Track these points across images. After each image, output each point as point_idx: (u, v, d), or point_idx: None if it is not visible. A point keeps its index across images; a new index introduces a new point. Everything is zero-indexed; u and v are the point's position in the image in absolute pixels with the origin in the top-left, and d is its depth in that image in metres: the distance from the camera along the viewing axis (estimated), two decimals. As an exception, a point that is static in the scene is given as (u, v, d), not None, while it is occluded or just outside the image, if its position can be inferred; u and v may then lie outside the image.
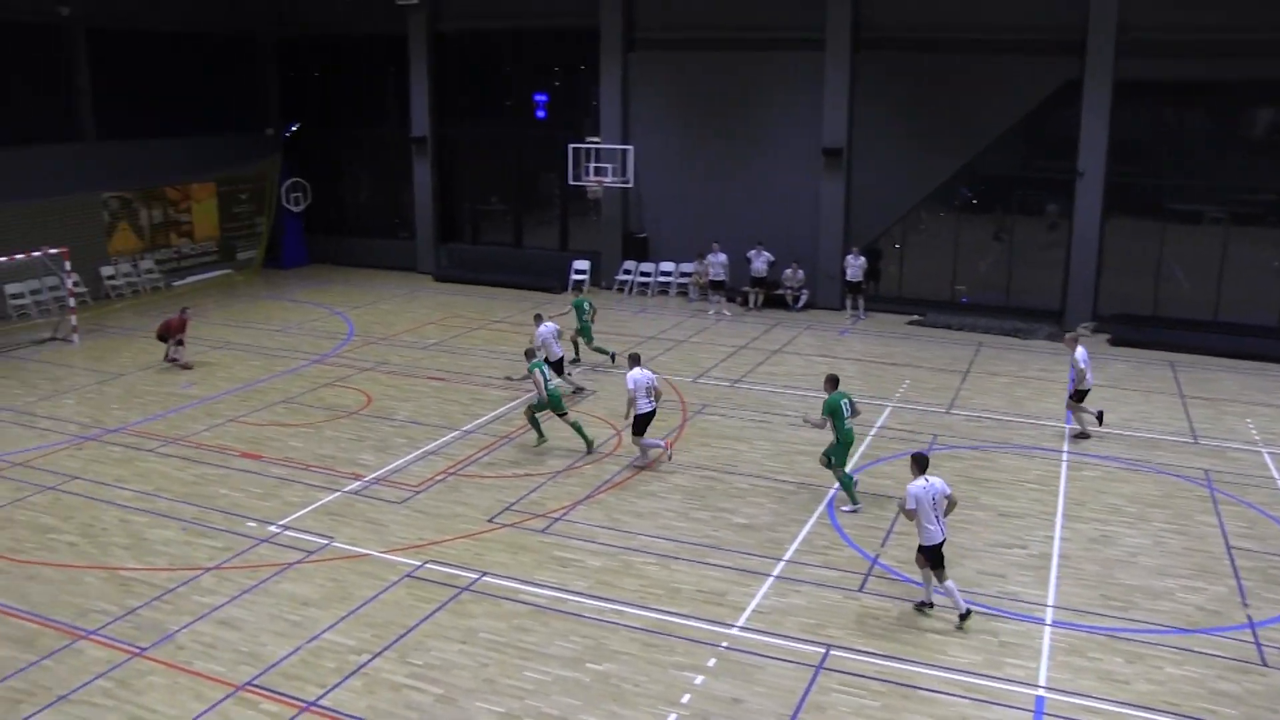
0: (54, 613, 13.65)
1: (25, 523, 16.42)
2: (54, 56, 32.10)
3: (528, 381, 21.43)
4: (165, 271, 35.34)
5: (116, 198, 33.80)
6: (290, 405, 22.10)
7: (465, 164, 37.17)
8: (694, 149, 32.54)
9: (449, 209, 37.55)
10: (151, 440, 20.10)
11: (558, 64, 35.47)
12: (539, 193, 37.18)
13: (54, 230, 30.49)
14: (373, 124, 38.80)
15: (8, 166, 30.26)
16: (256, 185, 38.62)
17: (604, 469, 18.33)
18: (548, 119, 35.37)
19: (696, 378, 23.84)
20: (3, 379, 24.36)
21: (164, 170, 35.19)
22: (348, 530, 15.96)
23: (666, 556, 15.08)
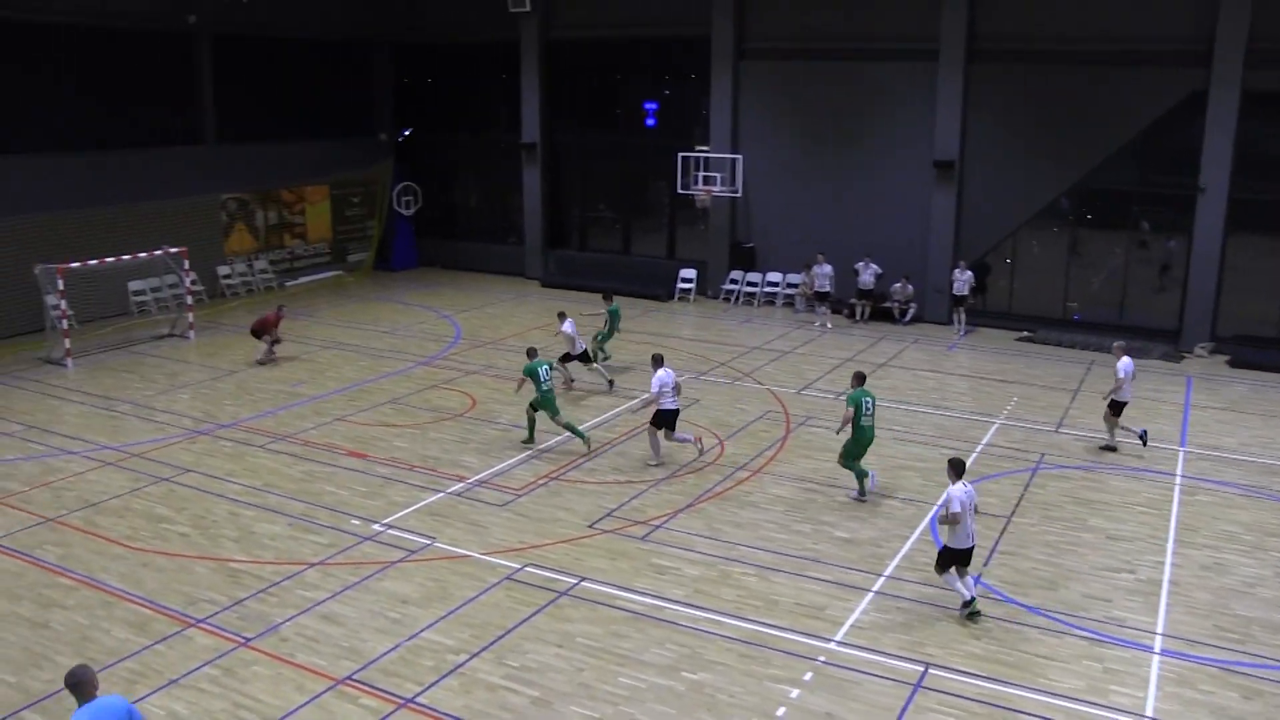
0: (166, 600, 14.05)
1: (141, 512, 16.93)
2: (180, 63, 33.08)
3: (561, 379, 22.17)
4: (278, 272, 36.18)
5: (234, 199, 34.70)
6: (397, 406, 22.47)
7: (574, 171, 37.46)
8: (803, 159, 32.40)
9: (557, 215, 37.86)
10: (261, 436, 20.59)
11: (668, 72, 35.59)
12: (647, 201, 37.31)
13: (175, 230, 31.44)
14: (484, 130, 39.29)
15: (135, 168, 31.27)
16: (369, 189, 39.36)
17: (706, 478, 18.32)
18: (657, 127, 35.49)
19: (801, 389, 23.71)
20: (124, 372, 25.15)
21: (280, 173, 36.08)
22: (449, 531, 16.17)
23: (765, 568, 15.02)
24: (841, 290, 31.16)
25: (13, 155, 28.42)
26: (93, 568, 15.02)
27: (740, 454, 19.54)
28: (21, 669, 12.50)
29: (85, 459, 19.39)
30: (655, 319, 31.24)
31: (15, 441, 20.39)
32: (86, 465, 19.06)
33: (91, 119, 30.47)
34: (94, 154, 30.30)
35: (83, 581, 14.61)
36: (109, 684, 12.06)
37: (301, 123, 36.75)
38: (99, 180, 30.19)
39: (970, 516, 13.59)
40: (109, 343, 27.96)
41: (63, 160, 29.49)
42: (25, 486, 18.06)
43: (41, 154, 29.04)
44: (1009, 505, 17.28)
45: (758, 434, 20.55)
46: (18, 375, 25.00)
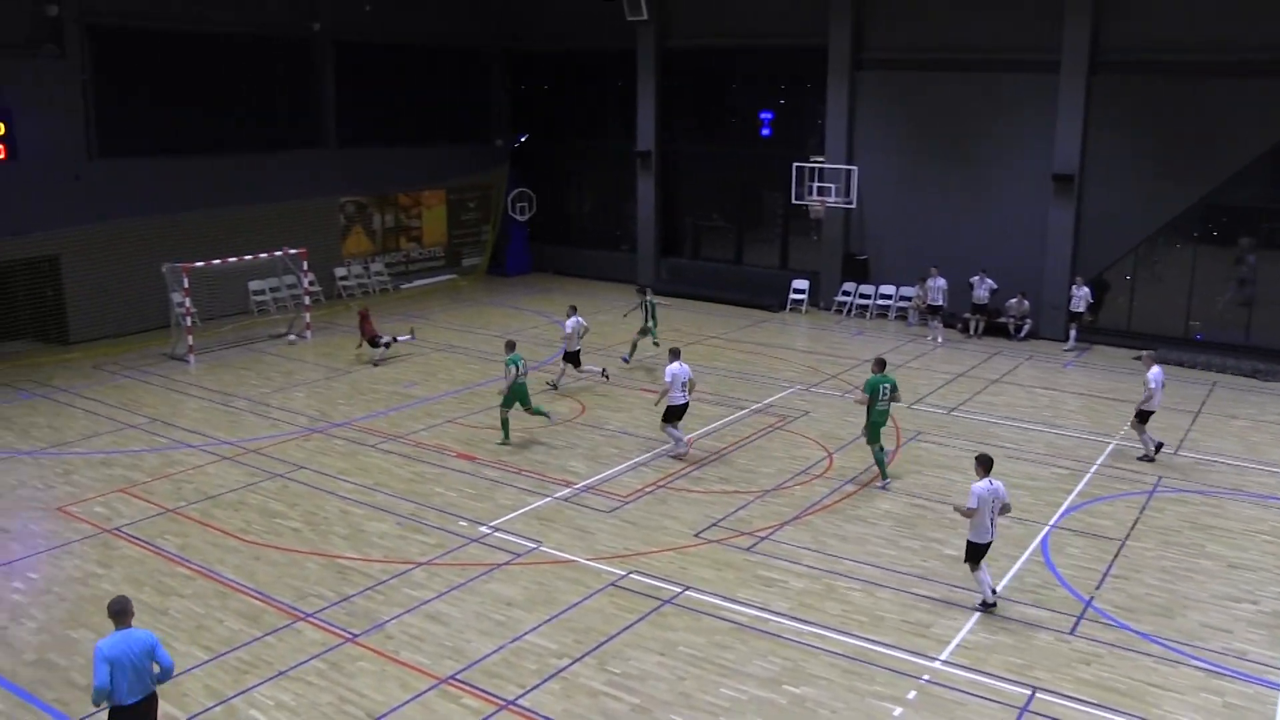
0: (277, 593, 14.40)
1: (255, 506, 17.37)
2: (303, 69, 33.91)
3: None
4: (394, 275, 36.84)
5: (352, 202, 35.44)
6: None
7: (688, 179, 37.54)
8: (919, 171, 32.08)
9: (670, 223, 37.97)
10: (373, 436, 20.98)
11: (784, 82, 35.48)
12: (761, 210, 37.23)
13: (294, 231, 32.22)
14: (598, 137, 39.57)
15: (257, 171, 32.13)
16: (484, 194, 39.90)
17: (813, 490, 18.23)
18: (772, 137, 35.41)
19: (912, 404, 23.47)
20: (242, 370, 25.83)
21: (397, 177, 36.77)
22: (555, 535, 16.31)
23: (872, 583, 14.90)
24: (955, 305, 30.77)
25: (142, 158, 29.38)
26: (209, 558, 15.46)
27: (849, 468, 19.41)
28: (139, 655, 12.91)
29: (204, 453, 19.97)
30: (766, 330, 31.16)
31: (140, 433, 21.08)
32: (205, 459, 19.63)
33: (216, 123, 31.35)
34: (218, 157, 31.18)
35: (199, 571, 15.05)
36: (222, 672, 12.42)
37: (419, 128, 37.40)
38: (223, 182, 31.09)
39: (990, 513, 13.90)
40: (229, 340, 28.74)
41: (189, 163, 30.40)
42: (148, 477, 18.66)
43: (169, 157, 29.97)
44: (1123, 528, 16.90)
45: (866, 448, 20.37)
46: (145, 370, 25.83)
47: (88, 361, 26.66)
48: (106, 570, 15.10)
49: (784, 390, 24.49)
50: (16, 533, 16.35)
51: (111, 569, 15.14)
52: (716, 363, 26.84)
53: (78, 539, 16.14)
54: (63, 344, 27.97)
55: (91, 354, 27.32)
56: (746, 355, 27.72)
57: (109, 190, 28.53)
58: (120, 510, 17.23)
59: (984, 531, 13.95)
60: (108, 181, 28.51)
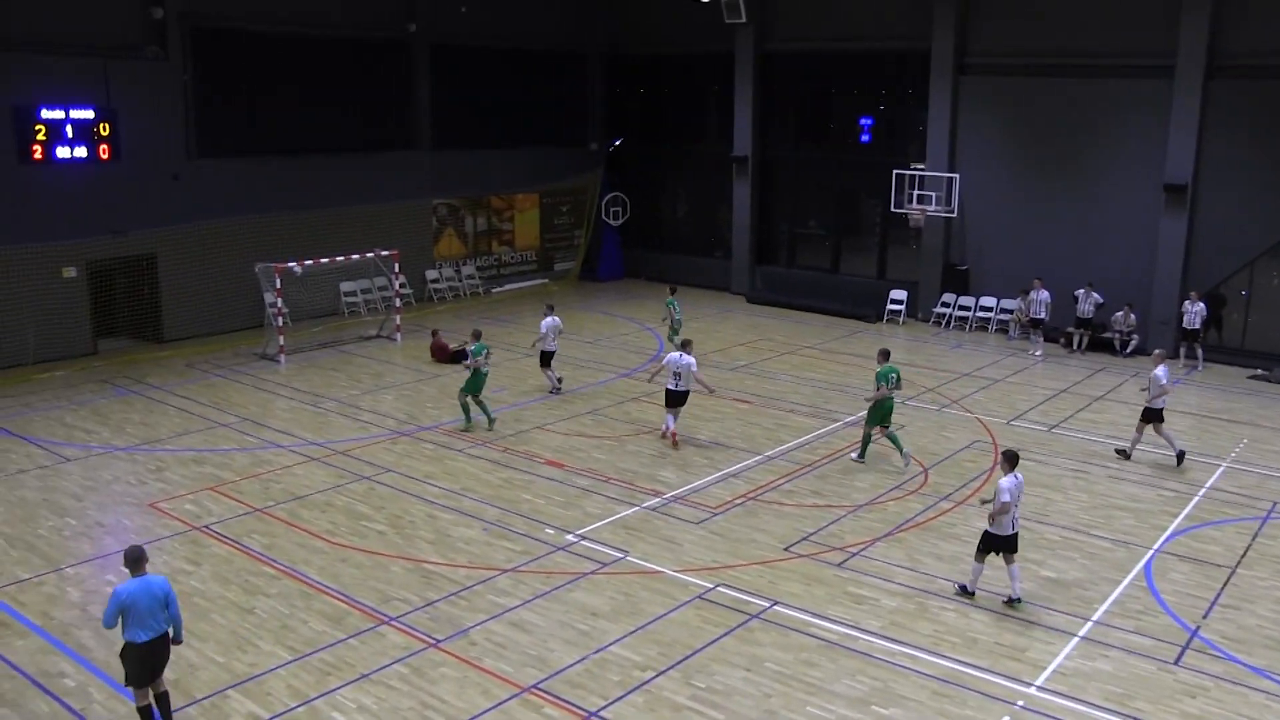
0: (361, 595, 14.60)
1: (342, 508, 17.64)
2: (400, 71, 34.40)
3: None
4: (485, 278, 37.20)
5: (445, 204, 35.86)
6: (596, 417, 22.83)
7: (785, 185, 37.40)
8: (1023, 179, 31.60)
9: (766, 230, 37.87)
10: (461, 441, 21.18)
11: (884, 87, 35.24)
12: (858, 218, 37.00)
13: (386, 233, 32.73)
14: (694, 142, 39.62)
15: (352, 172, 32.67)
16: (578, 198, 40.13)
17: (907, 507, 18.05)
18: (872, 143, 35.18)
19: (1011, 419, 23.13)
20: (332, 371, 26.26)
21: (491, 180, 37.15)
22: (643, 546, 16.33)
23: (965, 604, 14.69)
24: (1058, 318, 30.25)
25: (239, 158, 30.05)
26: (295, 559, 15.72)
27: (945, 484, 19.18)
28: (228, 650, 13.19)
29: (292, 453, 20.32)
30: (862, 340, 30.92)
31: (231, 433, 21.52)
32: (293, 459, 19.97)
33: (312, 124, 31.94)
34: (313, 158, 31.77)
35: (285, 571, 15.31)
36: (305, 672, 12.62)
37: (514, 130, 37.74)
38: (317, 183, 31.69)
39: (1016, 508, 14.54)
40: (320, 340, 29.22)
41: (284, 164, 31.03)
42: (237, 476, 19.04)
43: (265, 157, 30.62)
44: (1234, 555, 16.48)
45: (963, 464, 20.14)
46: (236, 369, 26.37)
47: (181, 360, 27.30)
48: (195, 568, 15.43)
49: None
50: (111, 527, 16.79)
51: (200, 566, 15.47)
52: (811, 374, 26.69)
53: (168, 535, 16.52)
54: (158, 342, 28.69)
55: (185, 352, 27.97)
56: (842, 367, 27.54)
57: (206, 190, 29.22)
58: (209, 508, 17.60)
59: (1007, 525, 14.50)
60: (205, 182, 29.21)
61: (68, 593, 14.68)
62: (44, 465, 19.60)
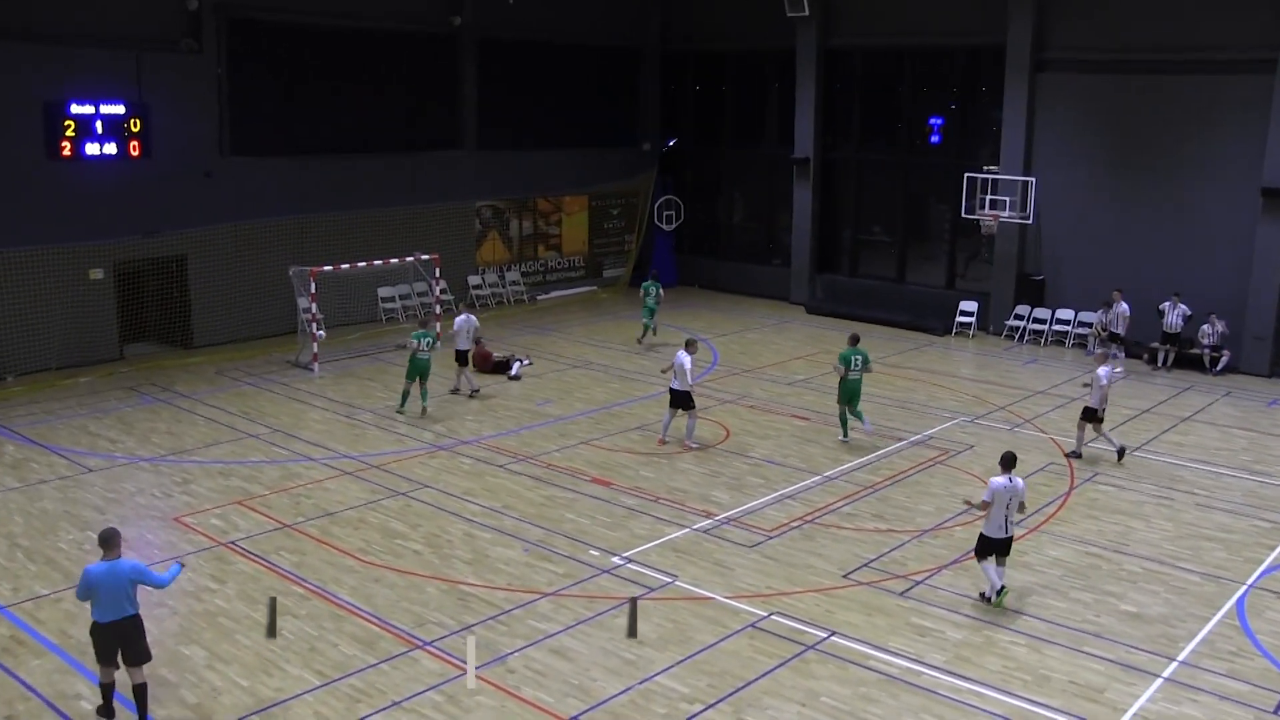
0: (395, 618, 14.58)
1: (376, 525, 17.65)
2: (444, 66, 34.57)
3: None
4: (530, 285, 37.25)
5: (489, 207, 35.97)
6: (645, 433, 22.75)
7: (848, 189, 37.22)
8: (1105, 183, 31.17)
9: (828, 237, 37.68)
10: (502, 456, 21.17)
11: (956, 85, 34.99)
12: (927, 224, 36.75)
13: (427, 236, 32.87)
14: (753, 142, 39.56)
15: (392, 172, 32.86)
16: (629, 201, 40.15)
17: (974, 533, 17.77)
18: (942, 144, 34.95)
19: (1090, 441, 22.78)
20: (367, 380, 26.35)
21: (538, 181, 37.26)
22: (692, 570, 16.21)
23: (1037, 638, 14.46)
24: (1143, 333, 29.79)
25: (274, 157, 30.27)
26: (325, 578, 15.73)
27: (1016, 509, 18.90)
28: (253, 674, 13.19)
29: (325, 466, 20.39)
30: (929, 354, 30.65)
31: (261, 444, 21.63)
32: (326, 473, 20.03)
33: (351, 122, 32.15)
34: (352, 157, 31.97)
35: (315, 591, 15.32)
36: (334, 699, 12.59)
37: (563, 130, 37.84)
38: (355, 183, 31.87)
39: (1005, 508, 15.10)
40: (356, 348, 29.35)
41: (321, 162, 31.23)
42: (266, 490, 19.12)
43: (301, 156, 30.82)
44: (1332, 590, 16.13)
45: (1036, 488, 19.85)
46: (267, 377, 26.54)
47: (211, 366, 27.52)
48: (220, 585, 15.48)
49: (947, 421, 24.05)
50: (133, 542, 16.86)
51: (225, 584, 15.51)
52: (874, 390, 26.42)
53: (193, 551, 16.58)
54: (186, 347, 28.94)
55: (215, 359, 28.19)
56: (908, 382, 27.31)
57: (239, 189, 29.46)
58: (237, 523, 17.67)
59: (997, 528, 15.17)
60: (238, 180, 29.44)
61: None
62: (65, 476, 19.77)
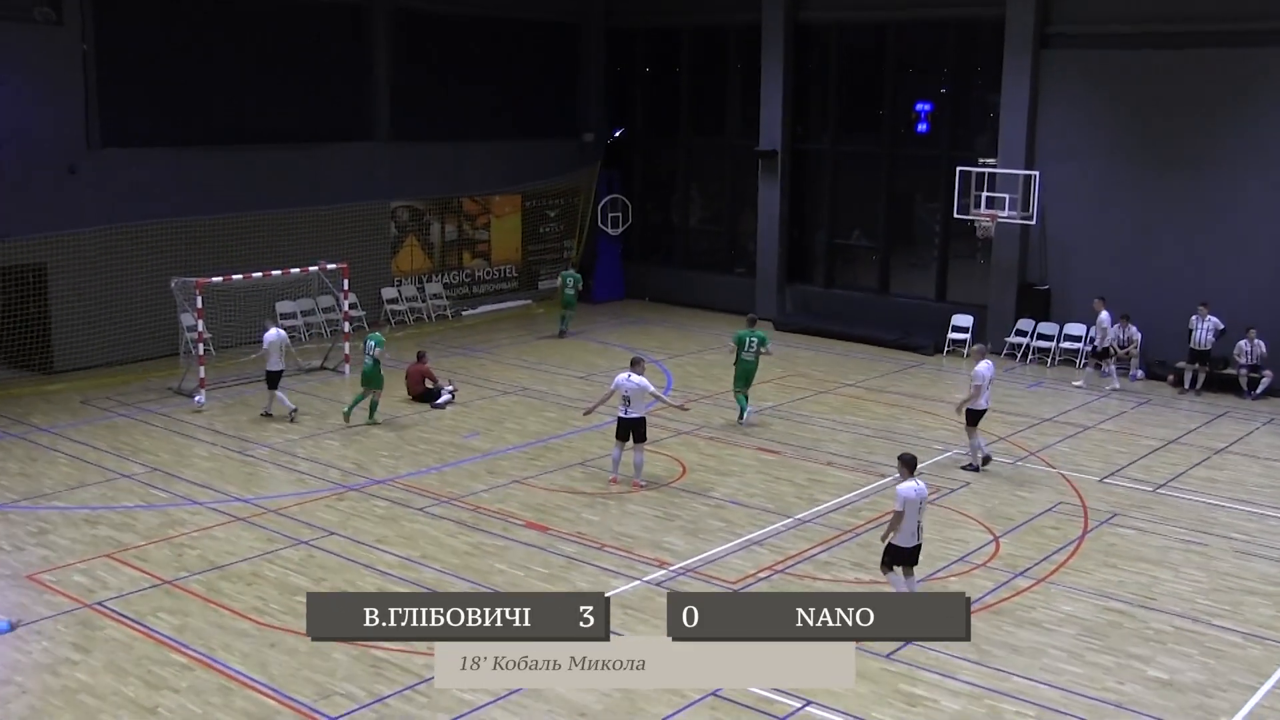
0: (294, 689, 14.33)
1: (274, 580, 17.38)
2: (353, 42, 34.42)
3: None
4: (455, 298, 37.09)
5: (406, 208, 35.82)
6: (587, 469, 22.63)
7: (823, 186, 37.36)
8: (1121, 178, 31.36)
9: (800, 241, 37.81)
10: (422, 497, 20.97)
11: (947, 65, 35.18)
12: (913, 227, 36.94)
13: (335, 242, 32.60)
14: (712, 133, 39.72)
15: (293, 168, 32.74)
16: (569, 201, 40.11)
17: (973, 585, 17.76)
18: (930, 134, 35.15)
19: (1105, 476, 22.87)
20: (262, 412, 26.04)
21: (463, 178, 37.18)
22: (644, 629, 16.06)
23: (1050, 709, 14.42)
24: (1166, 350, 29.92)
25: (152, 149, 30.00)
26: (212, 644, 15.46)
27: (1020, 556, 18.89)
28: (120, 763, 12.89)
29: (213, 511, 20.10)
30: (917, 377, 30.72)
31: (136, 486, 21.31)
32: (214, 519, 19.74)
33: (242, 109, 31.94)
34: (245, 148, 31.75)
35: (199, 660, 15.04)
36: (220, 790, 12.32)
37: (492, 119, 37.82)
38: (248, 181, 31.67)
39: (920, 516, 15.96)
40: (250, 374, 29.02)
41: (207, 156, 30.98)
42: (143, 540, 18.81)
43: (183, 147, 30.56)
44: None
45: (1044, 532, 19.87)
46: (144, 407, 26.21)
47: (75, 395, 27.15)
48: (84, 656, 15.15)
49: (938, 454, 24.05)
50: (-21, 604, 16.56)
51: (90, 654, 15.19)
52: (853, 417, 26.47)
53: (50, 615, 16.24)
54: (45, 373, 28.48)
55: (80, 386, 27.82)
56: (891, 409, 27.35)
57: (110, 187, 29.17)
58: (105, 580, 17.35)
59: (909, 535, 15.99)
60: (109, 176, 29.17)
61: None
62: (-99, 525, 19.42)
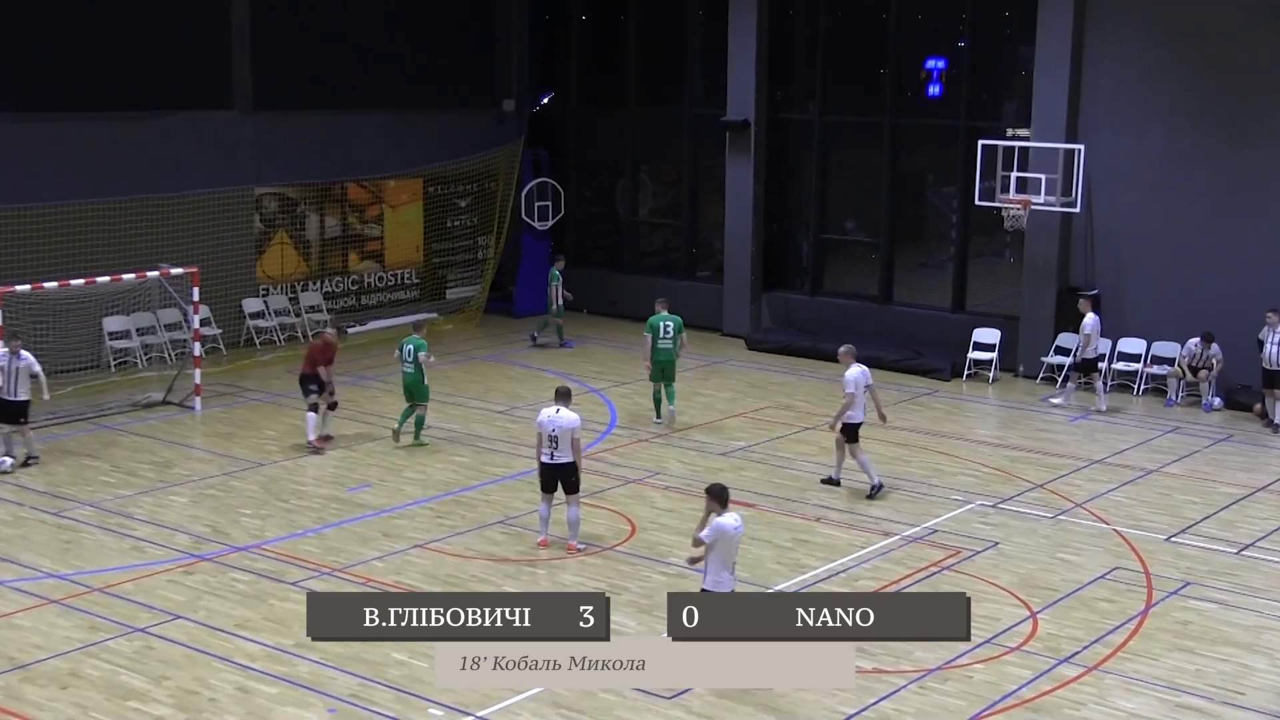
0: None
1: (99, 680, 17.10)
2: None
3: None
4: (339, 310, 36.86)
5: (275, 196, 35.59)
6: (510, 528, 22.54)
7: (808, 167, 37.49)
8: (1191, 151, 31.43)
9: (779, 237, 37.87)
10: (297, 568, 20.77)
11: (966, 10, 35.26)
12: (923, 217, 37.02)
13: (182, 240, 32.35)
14: (667, 100, 39.75)
15: (127, 144, 32.57)
16: (483, 187, 39.96)
17: (1003, 674, 17.64)
18: (945, 98, 35.21)
19: (1173, 535, 22.86)
20: (87, 460, 25.83)
21: (347, 158, 37.06)
22: (591, 735, 15.93)
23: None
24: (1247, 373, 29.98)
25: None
26: (10, 775, 15.20)
27: (1065, 637, 18.80)
28: None
29: (17, 593, 19.77)
30: (930, 409, 30.76)
31: (-84, 559, 20.98)
32: (17, 603, 19.40)
33: (57, 69, 31.60)
34: (64, 118, 31.56)
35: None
36: None
37: (384, 83, 37.78)
38: (71, 158, 31.50)
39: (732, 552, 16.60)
40: (68, 411, 28.66)
41: (16, 128, 30.73)
42: (-77, 629, 18.49)
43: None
44: None
45: (1096, 606, 19.81)
46: (-69, 456, 25.86)
47: None
48: None
49: (957, 508, 24.13)
50: None
51: None
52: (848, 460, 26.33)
53: None
54: None
55: None
56: (898, 449, 27.45)
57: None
58: None
59: (721, 582, 16.53)
60: None
61: None
62: None
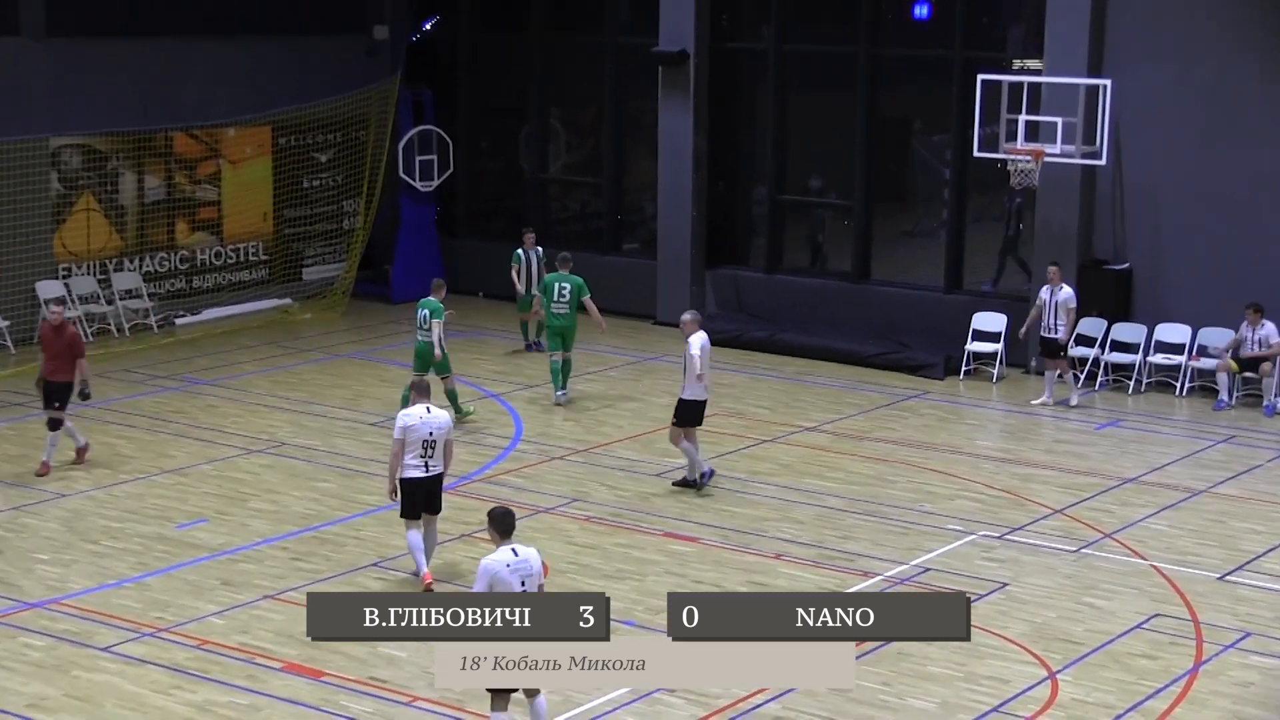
0: None
1: None
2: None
3: None
4: (164, 296, 36.59)
5: (79, 148, 35.33)
6: (387, 571, 22.57)
7: (763, 111, 37.50)
8: (1242, 90, 31.65)
9: (726, 199, 37.88)
10: (110, 628, 20.56)
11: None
12: (906, 174, 37.11)
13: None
14: (582, 26, 39.68)
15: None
16: (351, 136, 39.81)
17: (1025, 750, 17.65)
18: (934, 23, 35.30)
19: (1227, 573, 22.93)
20: None
21: (173, 100, 36.87)
22: None
23: None
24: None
25: None
26: None
27: (1093, 704, 18.78)
28: None
29: None
30: (919, 414, 30.90)
31: None
32: None
33: None
34: None
35: None
36: None
37: (219, 3, 37.49)
38: None
39: None
40: None
41: None
42: None
43: None
44: None
45: (1131, 664, 19.82)
46: None
47: None
48: None
49: (955, 540, 24.20)
50: None
51: None
52: (816, 481, 26.43)
53: None
54: None
55: None
56: (878, 466, 27.52)
57: None
58: None
59: None
60: None
61: None
62: None
